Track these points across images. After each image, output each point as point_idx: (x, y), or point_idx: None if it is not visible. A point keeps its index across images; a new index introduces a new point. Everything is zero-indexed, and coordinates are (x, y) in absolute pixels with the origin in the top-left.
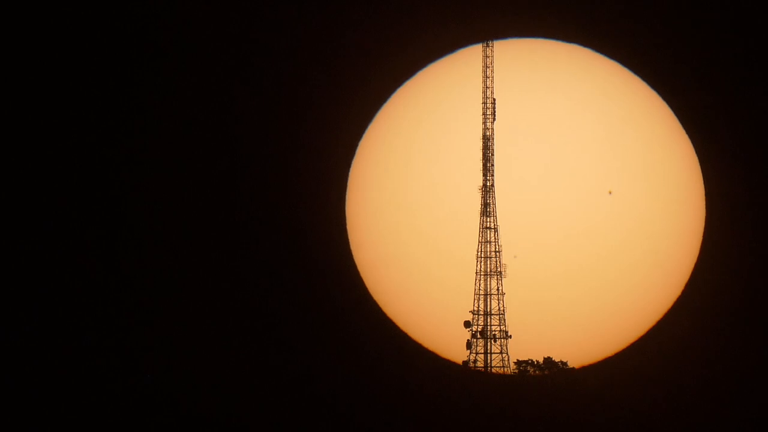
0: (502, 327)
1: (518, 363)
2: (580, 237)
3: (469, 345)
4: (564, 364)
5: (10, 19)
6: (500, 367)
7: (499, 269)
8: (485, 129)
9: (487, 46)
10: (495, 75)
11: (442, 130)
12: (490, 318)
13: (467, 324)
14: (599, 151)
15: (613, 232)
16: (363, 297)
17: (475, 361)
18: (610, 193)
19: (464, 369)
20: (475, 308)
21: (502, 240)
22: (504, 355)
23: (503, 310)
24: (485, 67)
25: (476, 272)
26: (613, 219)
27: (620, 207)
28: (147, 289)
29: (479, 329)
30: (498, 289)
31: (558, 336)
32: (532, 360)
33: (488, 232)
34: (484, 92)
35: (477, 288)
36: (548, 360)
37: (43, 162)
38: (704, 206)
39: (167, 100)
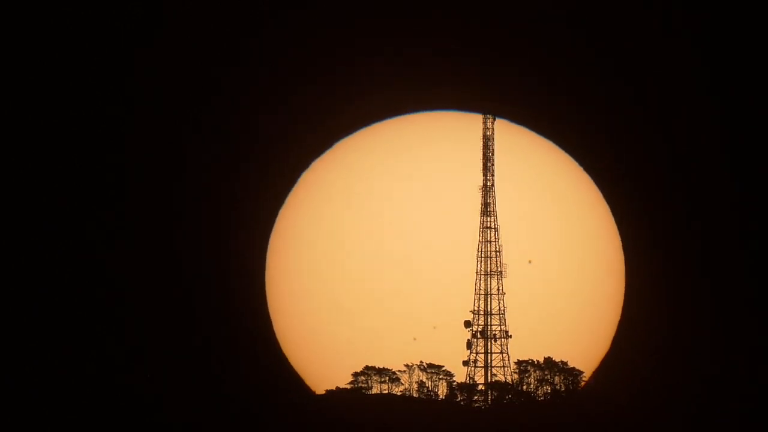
0: (502, 327)
1: (518, 363)
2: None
3: (469, 345)
4: (564, 363)
5: (9, 19)
6: (500, 366)
7: (499, 269)
8: (485, 129)
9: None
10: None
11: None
12: (491, 318)
13: (467, 324)
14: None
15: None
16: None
17: (475, 360)
18: (530, 262)
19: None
20: (475, 308)
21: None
22: (504, 355)
23: (503, 310)
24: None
25: (476, 272)
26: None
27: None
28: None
29: (479, 329)
30: (498, 289)
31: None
32: (532, 360)
33: (488, 231)
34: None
35: (477, 288)
36: (548, 360)
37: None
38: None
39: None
